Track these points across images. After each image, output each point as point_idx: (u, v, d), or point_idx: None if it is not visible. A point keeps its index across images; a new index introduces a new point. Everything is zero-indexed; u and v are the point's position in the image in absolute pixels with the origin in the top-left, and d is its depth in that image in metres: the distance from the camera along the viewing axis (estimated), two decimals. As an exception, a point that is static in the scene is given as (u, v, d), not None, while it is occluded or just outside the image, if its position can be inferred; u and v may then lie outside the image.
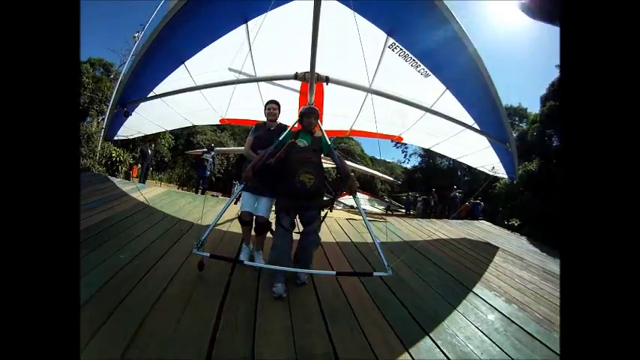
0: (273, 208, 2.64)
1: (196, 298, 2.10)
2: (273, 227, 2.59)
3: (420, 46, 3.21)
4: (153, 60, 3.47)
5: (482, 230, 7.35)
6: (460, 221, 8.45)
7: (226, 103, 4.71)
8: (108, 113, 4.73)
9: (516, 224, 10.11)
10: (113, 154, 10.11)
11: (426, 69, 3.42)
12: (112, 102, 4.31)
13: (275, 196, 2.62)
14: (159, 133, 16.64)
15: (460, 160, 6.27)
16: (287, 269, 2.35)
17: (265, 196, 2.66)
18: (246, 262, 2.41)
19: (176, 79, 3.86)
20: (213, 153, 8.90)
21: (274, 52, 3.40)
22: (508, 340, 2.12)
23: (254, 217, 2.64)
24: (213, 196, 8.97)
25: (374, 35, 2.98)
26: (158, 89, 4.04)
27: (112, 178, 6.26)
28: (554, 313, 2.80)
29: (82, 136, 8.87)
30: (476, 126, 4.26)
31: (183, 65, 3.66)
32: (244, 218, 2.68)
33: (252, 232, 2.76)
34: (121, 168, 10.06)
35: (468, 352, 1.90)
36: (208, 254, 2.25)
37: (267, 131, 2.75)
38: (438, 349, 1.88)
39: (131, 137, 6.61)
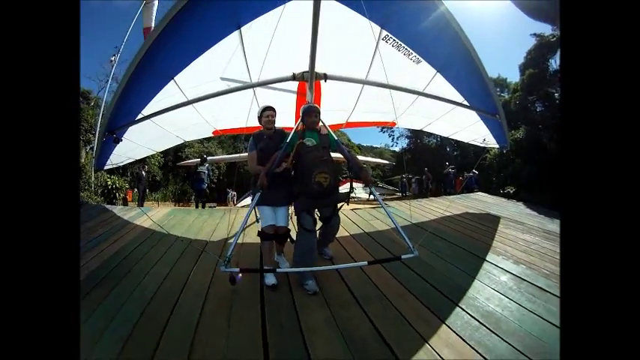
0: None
1: (236, 310, 2.14)
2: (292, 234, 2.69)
3: (410, 34, 3.26)
4: (140, 80, 3.33)
5: (480, 202, 7.57)
6: (458, 196, 8.65)
7: (219, 114, 4.65)
8: (96, 142, 4.53)
9: (512, 191, 10.48)
10: (108, 182, 9.88)
11: (417, 56, 3.49)
12: (98, 129, 4.15)
13: (290, 203, 2.65)
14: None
15: (452, 137, 6.42)
16: (316, 269, 2.45)
17: (282, 206, 2.66)
18: (278, 270, 2.42)
19: (166, 96, 3.74)
20: (207, 164, 8.62)
21: (269, 56, 3.36)
22: (523, 296, 2.34)
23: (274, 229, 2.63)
24: (210, 207, 8.85)
25: (368, 29, 3.00)
26: (147, 110, 3.89)
27: (112, 207, 6.12)
28: (559, 268, 3.00)
29: None
30: (466, 103, 4.38)
31: (172, 81, 3.55)
32: (268, 232, 2.58)
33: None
34: (119, 195, 9.87)
35: (490, 311, 2.11)
36: (237, 269, 2.25)
37: (268, 140, 2.66)
38: (464, 312, 2.08)
39: (121, 164, 6.43)
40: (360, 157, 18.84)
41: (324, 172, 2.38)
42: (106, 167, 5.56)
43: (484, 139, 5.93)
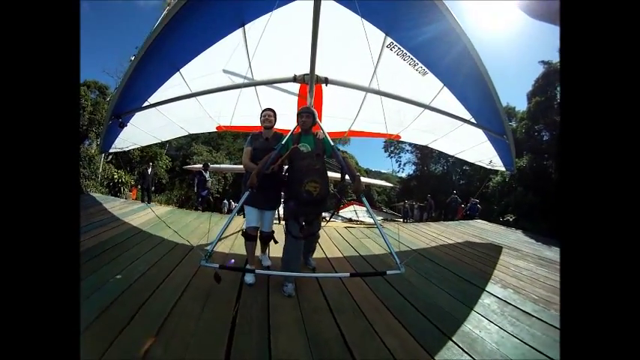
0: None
1: (212, 300, 2.22)
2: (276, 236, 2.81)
3: (417, 44, 3.23)
4: (147, 68, 3.43)
5: (477, 228, 7.48)
6: (456, 222, 8.58)
7: (223, 110, 4.72)
8: (104, 125, 4.65)
9: (511, 219, 10.52)
10: (115, 176, 10.29)
11: (423, 67, 3.44)
12: (107, 113, 4.25)
13: (277, 207, 2.72)
14: (156, 154, 17.10)
15: (458, 155, 6.32)
16: (298, 274, 2.52)
17: (269, 210, 2.71)
18: (257, 271, 2.40)
19: (171, 86, 3.82)
20: (208, 172, 9.00)
21: (272, 55, 3.37)
22: (505, 319, 2.29)
23: (259, 232, 2.71)
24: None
25: (372, 35, 2.99)
26: (153, 98, 3.99)
27: (117, 199, 6.58)
28: (550, 294, 2.98)
29: (83, 159, 9.24)
30: (473, 120, 4.31)
31: (178, 72, 3.62)
32: (251, 233, 2.64)
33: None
34: (123, 189, 10.25)
35: (466, 331, 2.05)
36: (217, 265, 2.24)
37: (264, 141, 2.70)
38: (437, 331, 2.03)
39: (126, 149, 6.57)
40: (364, 179, 18.80)
41: (315, 180, 2.39)
42: (111, 150, 5.71)
43: (490, 161, 5.83)
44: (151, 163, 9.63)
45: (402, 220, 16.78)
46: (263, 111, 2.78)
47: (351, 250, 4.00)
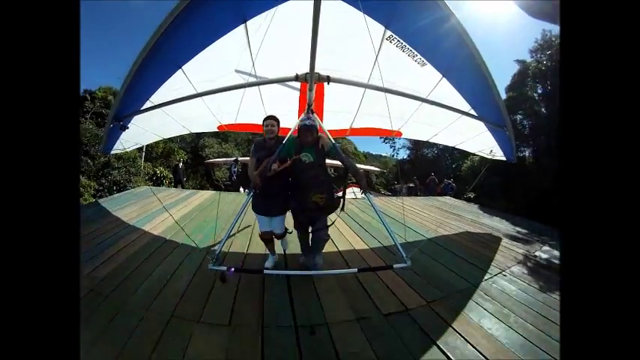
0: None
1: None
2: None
3: (415, 35, 3.21)
4: (149, 68, 3.39)
5: (442, 202, 8.66)
6: (426, 197, 10.25)
7: (224, 108, 4.69)
8: (105, 127, 4.65)
9: (472, 196, 12.26)
10: (157, 172, 13.89)
11: (422, 58, 3.43)
12: (109, 117, 4.24)
13: (285, 212, 2.78)
14: (172, 150, 18.63)
15: (458, 146, 6.31)
16: (308, 272, 2.66)
17: (278, 216, 2.77)
18: (266, 272, 2.46)
19: (173, 83, 3.77)
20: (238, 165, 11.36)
21: (274, 52, 3.33)
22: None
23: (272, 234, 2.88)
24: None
25: (372, 29, 2.95)
26: (155, 99, 3.97)
27: (169, 189, 9.47)
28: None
29: (128, 159, 12.21)
30: (473, 112, 4.30)
31: (180, 70, 3.59)
32: (266, 237, 2.87)
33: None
34: (164, 181, 13.76)
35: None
36: (225, 268, 2.28)
37: (267, 151, 2.69)
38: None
39: (129, 149, 6.58)
40: (360, 166, 19.12)
41: (320, 192, 2.49)
42: (112, 152, 5.70)
43: (491, 151, 5.83)
44: (181, 160, 13.42)
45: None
46: (265, 120, 2.77)
47: (358, 242, 4.07)
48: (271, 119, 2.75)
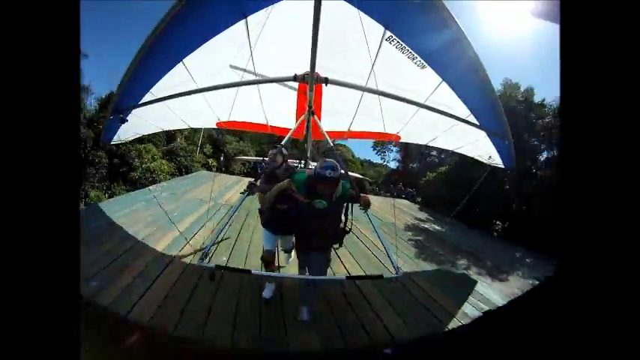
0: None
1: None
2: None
3: (414, 36, 3.20)
4: (150, 60, 3.40)
5: (397, 203, 11.42)
6: (386, 198, 12.96)
7: (223, 104, 4.68)
8: (105, 120, 4.68)
9: (419, 200, 15.35)
10: (209, 162, 17.79)
11: (421, 60, 3.40)
12: (109, 109, 4.26)
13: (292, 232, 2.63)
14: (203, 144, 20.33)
15: (457, 151, 6.29)
16: (297, 276, 2.64)
17: (287, 235, 2.75)
18: (253, 272, 2.48)
19: (173, 75, 3.75)
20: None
21: (274, 49, 3.32)
22: None
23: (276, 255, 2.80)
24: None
25: (371, 30, 2.96)
26: (155, 90, 3.96)
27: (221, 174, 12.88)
28: None
29: (186, 152, 16.62)
30: (471, 118, 4.27)
31: (180, 63, 3.59)
32: (269, 259, 2.66)
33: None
34: (214, 169, 16.97)
35: None
36: (214, 265, 2.24)
37: (277, 180, 2.51)
38: None
39: (129, 139, 6.59)
40: (351, 174, 19.43)
41: (323, 238, 2.44)
42: (113, 142, 5.72)
43: (489, 157, 5.80)
44: (222, 154, 17.35)
45: None
46: (270, 150, 2.76)
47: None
48: (275, 151, 2.68)
